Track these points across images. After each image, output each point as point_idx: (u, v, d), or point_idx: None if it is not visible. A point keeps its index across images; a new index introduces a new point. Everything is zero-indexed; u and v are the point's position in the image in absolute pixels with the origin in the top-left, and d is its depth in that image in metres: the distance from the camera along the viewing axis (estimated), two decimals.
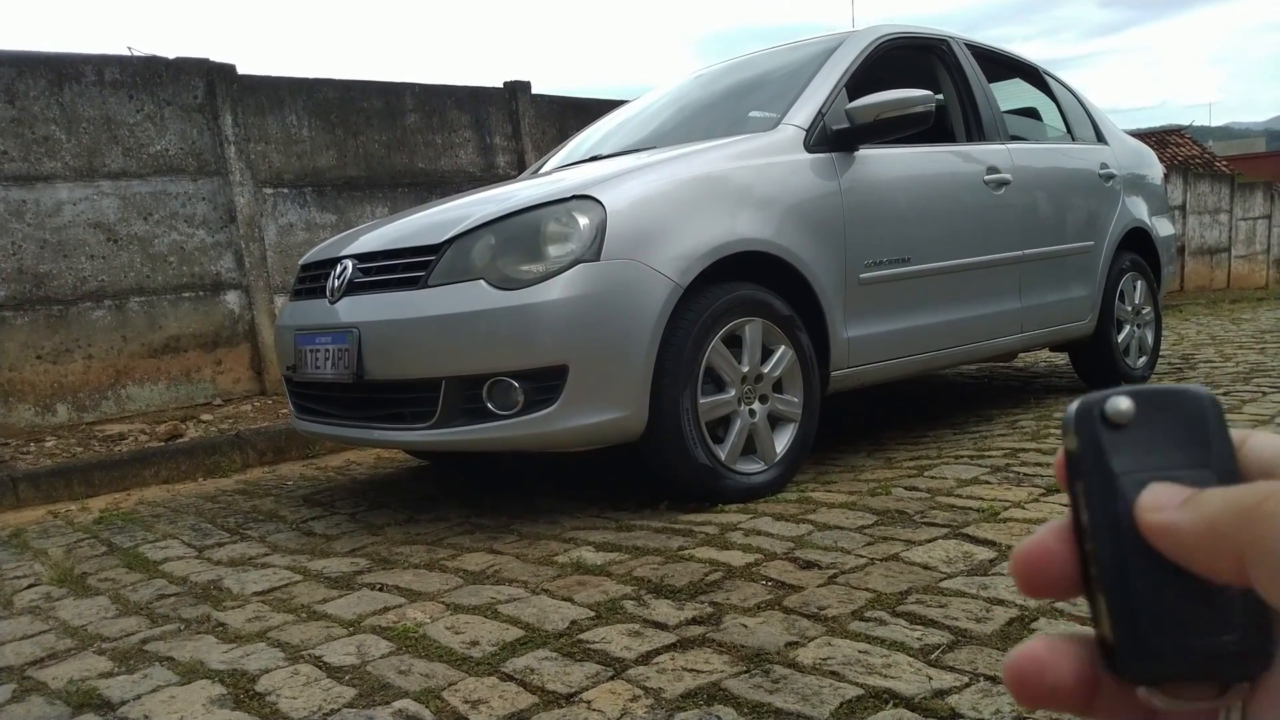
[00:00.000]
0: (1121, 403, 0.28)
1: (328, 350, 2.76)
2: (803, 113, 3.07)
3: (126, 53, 5.12)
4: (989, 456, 3.01)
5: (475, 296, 2.46)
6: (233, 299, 5.23)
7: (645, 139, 3.56)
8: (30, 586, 2.43)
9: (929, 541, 2.16)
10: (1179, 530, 0.25)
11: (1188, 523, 0.25)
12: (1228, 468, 0.27)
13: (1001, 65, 4.26)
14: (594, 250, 2.45)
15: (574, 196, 2.55)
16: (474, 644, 1.76)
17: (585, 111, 6.58)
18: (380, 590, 2.15)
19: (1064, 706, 0.28)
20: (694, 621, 1.78)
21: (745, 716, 1.40)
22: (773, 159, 2.89)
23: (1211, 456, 0.27)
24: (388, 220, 3.20)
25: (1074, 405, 0.28)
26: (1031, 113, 4.53)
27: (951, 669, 1.50)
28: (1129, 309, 4.41)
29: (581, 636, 1.75)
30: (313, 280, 3.07)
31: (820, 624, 1.73)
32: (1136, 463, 0.27)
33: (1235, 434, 0.28)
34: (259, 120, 5.34)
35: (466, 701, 1.53)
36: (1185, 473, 0.27)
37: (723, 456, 2.63)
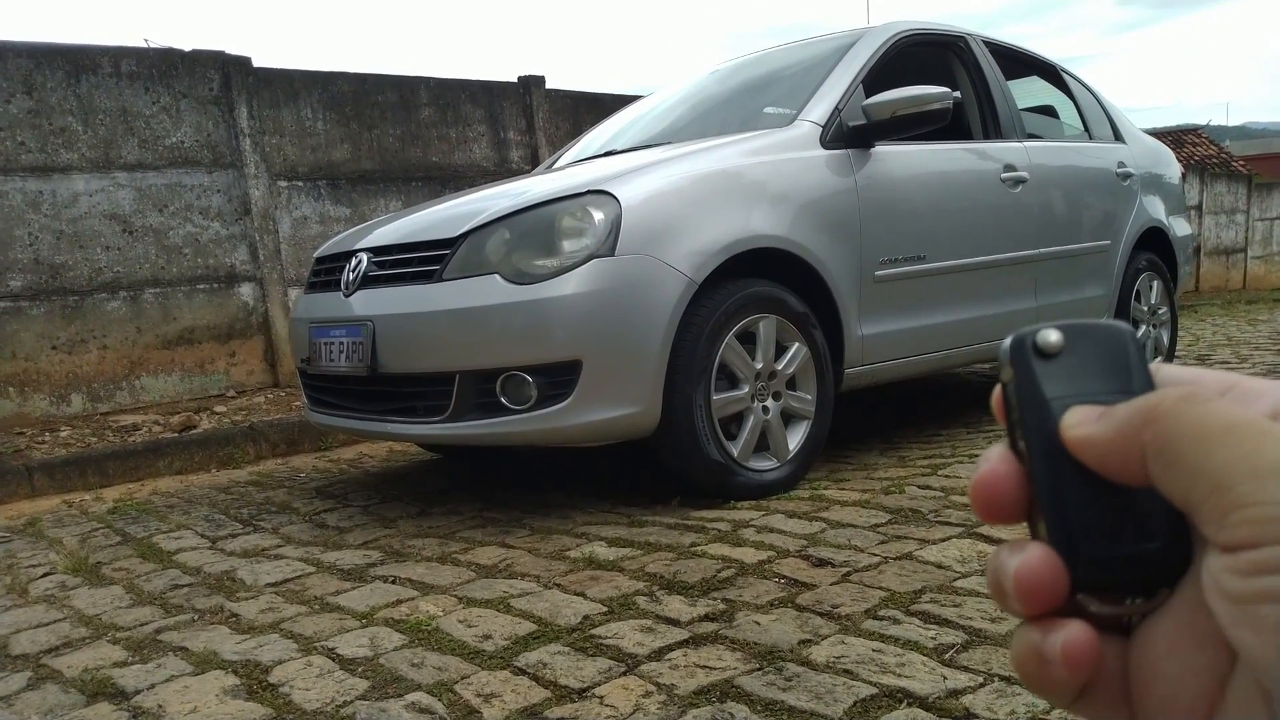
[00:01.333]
0: (1051, 335, 0.30)
1: (342, 343, 2.76)
2: (819, 109, 3.05)
3: (143, 44, 5.13)
4: None
5: (490, 291, 2.46)
6: (247, 291, 5.25)
7: (660, 135, 3.55)
8: (45, 575, 2.44)
9: (943, 540, 2.15)
10: (1095, 440, 0.28)
11: (1101, 432, 0.28)
12: (1146, 393, 0.29)
13: (1019, 63, 4.23)
14: (609, 245, 2.44)
15: (589, 191, 2.54)
16: (486, 638, 1.76)
17: (599, 107, 6.57)
18: (393, 583, 2.15)
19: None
20: (707, 618, 1.78)
21: (758, 714, 1.39)
22: (788, 155, 2.88)
23: (1132, 383, 0.29)
24: (402, 214, 3.20)
25: (1007, 340, 0.31)
26: (1049, 111, 4.50)
27: (966, 669, 1.49)
28: (1145, 309, 4.38)
29: (594, 631, 1.75)
30: (327, 273, 3.07)
31: (833, 622, 1.72)
32: (1065, 389, 0.30)
33: (1151, 365, 0.30)
34: (274, 113, 5.35)
35: (479, 695, 1.53)
36: (1108, 397, 0.29)
37: (735, 453, 2.63)
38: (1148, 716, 0.29)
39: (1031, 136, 3.85)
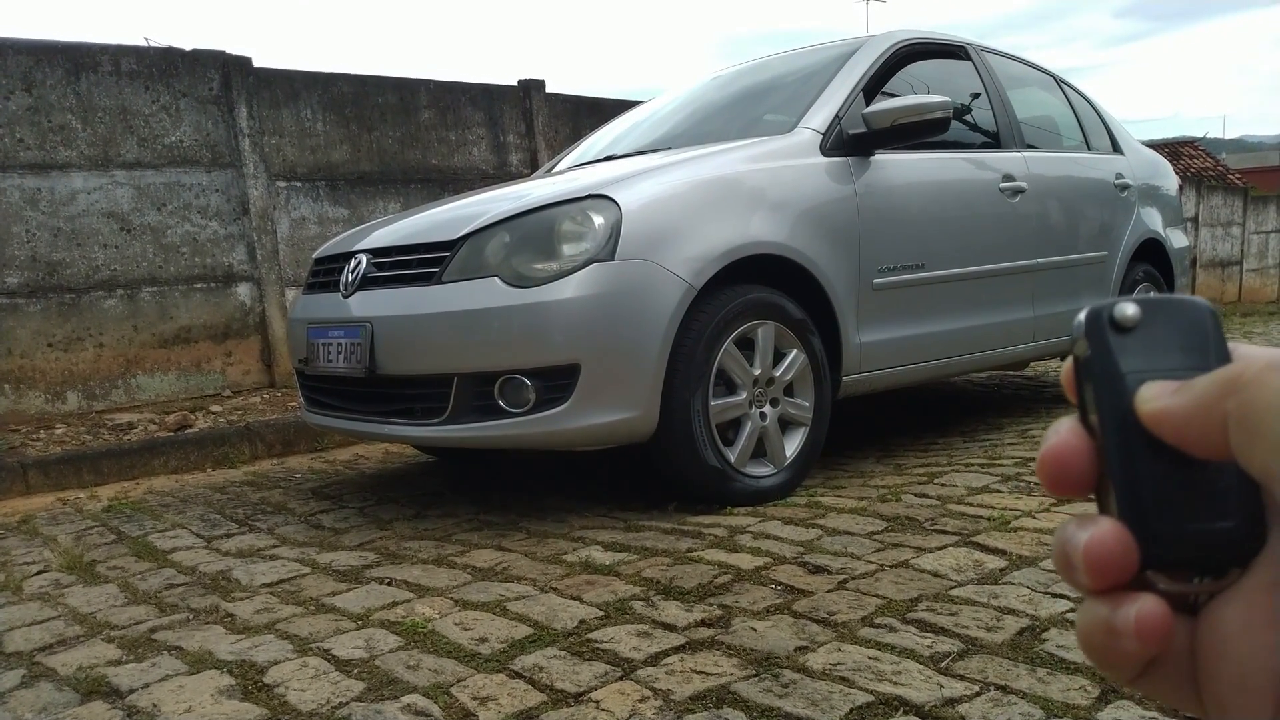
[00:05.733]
0: (1128, 308, 0.30)
1: (340, 344, 2.76)
2: (819, 116, 3.06)
3: (143, 43, 5.13)
4: (1000, 465, 3.00)
5: (489, 293, 2.46)
6: (244, 291, 5.24)
7: (660, 140, 3.55)
8: (40, 573, 2.44)
9: (939, 549, 2.15)
10: (1173, 412, 0.28)
11: (1180, 404, 0.27)
12: None
13: (1019, 72, 4.24)
14: (608, 250, 2.45)
15: (589, 195, 2.55)
16: (483, 640, 1.76)
17: (599, 111, 6.58)
18: (389, 585, 2.15)
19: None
20: (703, 624, 1.78)
21: None
22: (788, 162, 2.88)
23: (1210, 360, 0.29)
24: (402, 215, 3.20)
25: (1083, 312, 0.30)
26: (1048, 121, 4.51)
27: (962, 677, 1.49)
28: None
29: (590, 636, 1.75)
30: (326, 274, 3.07)
31: (830, 629, 1.72)
32: (1141, 363, 0.29)
33: (1230, 344, 0.30)
34: (274, 113, 5.35)
35: (475, 698, 1.52)
36: (1185, 373, 0.28)
37: (732, 459, 2.63)
38: (1215, 696, 0.28)
39: (1030, 146, 3.86)
